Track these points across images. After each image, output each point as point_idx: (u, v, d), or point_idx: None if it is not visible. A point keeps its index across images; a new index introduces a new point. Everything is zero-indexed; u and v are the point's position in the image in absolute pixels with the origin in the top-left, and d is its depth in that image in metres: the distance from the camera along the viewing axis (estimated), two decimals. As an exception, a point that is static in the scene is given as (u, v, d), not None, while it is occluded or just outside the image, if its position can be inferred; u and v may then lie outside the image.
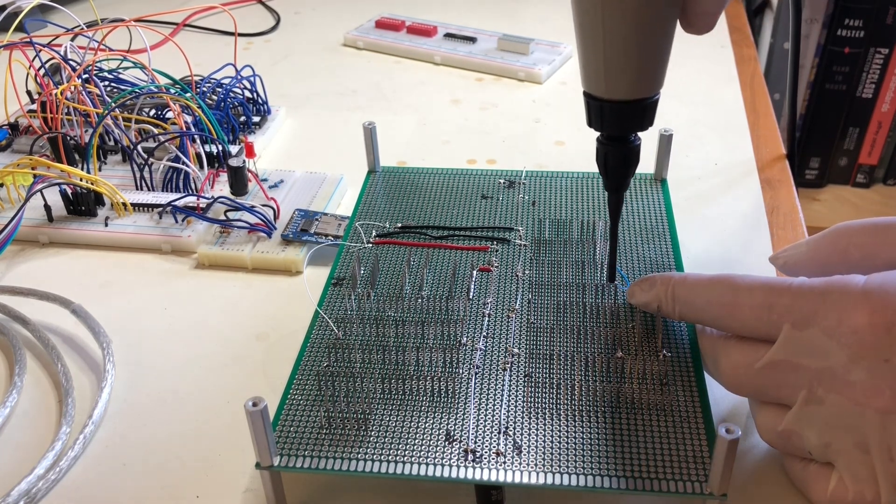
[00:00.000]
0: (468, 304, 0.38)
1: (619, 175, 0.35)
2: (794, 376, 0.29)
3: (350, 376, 0.34)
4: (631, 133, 0.34)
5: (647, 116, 0.33)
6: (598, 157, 0.35)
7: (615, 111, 0.33)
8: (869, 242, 0.31)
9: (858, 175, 0.99)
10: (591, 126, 0.34)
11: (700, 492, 0.29)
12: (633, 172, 0.35)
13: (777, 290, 0.29)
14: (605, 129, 0.34)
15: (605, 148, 0.34)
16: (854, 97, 0.93)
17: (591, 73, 0.33)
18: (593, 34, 0.31)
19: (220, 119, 0.53)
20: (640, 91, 0.32)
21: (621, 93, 0.32)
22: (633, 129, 0.34)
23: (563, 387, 0.33)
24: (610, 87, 0.32)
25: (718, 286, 0.31)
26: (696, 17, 0.32)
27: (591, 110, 0.33)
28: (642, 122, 0.33)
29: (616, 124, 0.33)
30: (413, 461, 0.30)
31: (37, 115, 0.54)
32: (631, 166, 0.35)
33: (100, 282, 0.44)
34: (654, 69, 0.32)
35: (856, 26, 0.88)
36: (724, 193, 0.50)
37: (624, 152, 0.34)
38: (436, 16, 0.75)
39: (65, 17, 0.66)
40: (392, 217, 0.44)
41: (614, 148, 0.34)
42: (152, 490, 0.33)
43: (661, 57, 0.32)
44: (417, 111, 0.61)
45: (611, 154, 0.34)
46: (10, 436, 0.35)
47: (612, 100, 0.32)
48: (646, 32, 0.31)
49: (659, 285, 0.34)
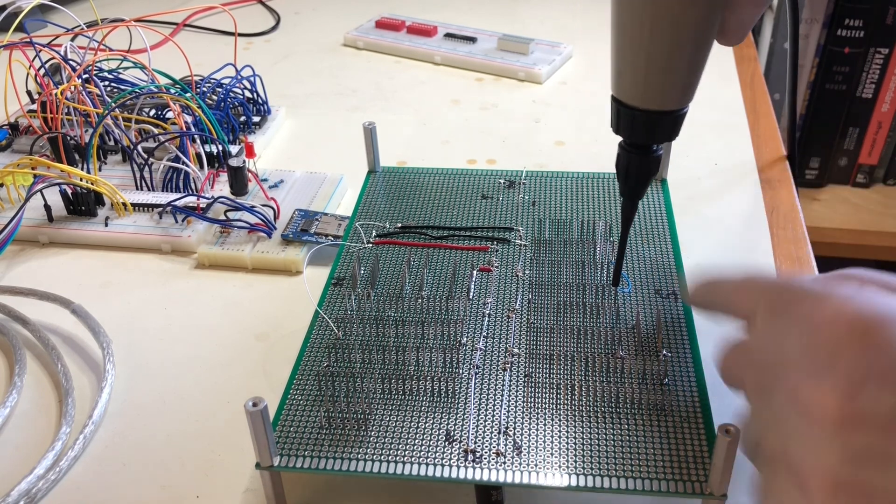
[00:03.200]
0: (468, 304, 0.38)
1: (638, 183, 0.35)
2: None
3: (350, 376, 0.34)
4: (658, 143, 0.33)
5: (675, 128, 0.33)
6: (619, 164, 0.34)
7: (648, 121, 0.32)
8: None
9: (858, 175, 0.99)
10: (617, 133, 0.34)
11: (700, 492, 0.29)
12: (651, 181, 0.35)
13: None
14: (633, 137, 0.33)
15: (629, 156, 0.34)
16: (854, 97, 0.93)
17: (626, 81, 0.32)
18: (634, 42, 0.31)
19: (220, 119, 0.53)
20: (675, 103, 0.32)
21: (657, 103, 0.32)
22: (661, 140, 0.33)
23: (563, 387, 0.33)
24: (647, 97, 0.32)
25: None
26: (732, 27, 0.31)
27: (622, 117, 0.33)
28: (671, 133, 0.33)
29: (646, 134, 0.33)
30: (413, 461, 0.30)
31: (37, 115, 0.54)
32: (651, 175, 0.34)
33: (100, 282, 0.44)
34: (692, 81, 0.32)
35: (856, 26, 0.88)
36: (724, 193, 0.50)
37: (646, 161, 0.34)
38: (436, 16, 0.75)
39: (65, 17, 0.66)
40: (392, 217, 0.44)
41: (637, 156, 0.34)
42: (152, 490, 0.33)
43: (700, 69, 0.32)
44: (417, 111, 0.61)
45: (633, 162, 0.34)
46: (10, 436, 0.35)
47: (646, 109, 0.32)
48: (692, 44, 0.30)
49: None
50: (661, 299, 0.38)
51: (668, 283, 0.39)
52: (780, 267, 0.44)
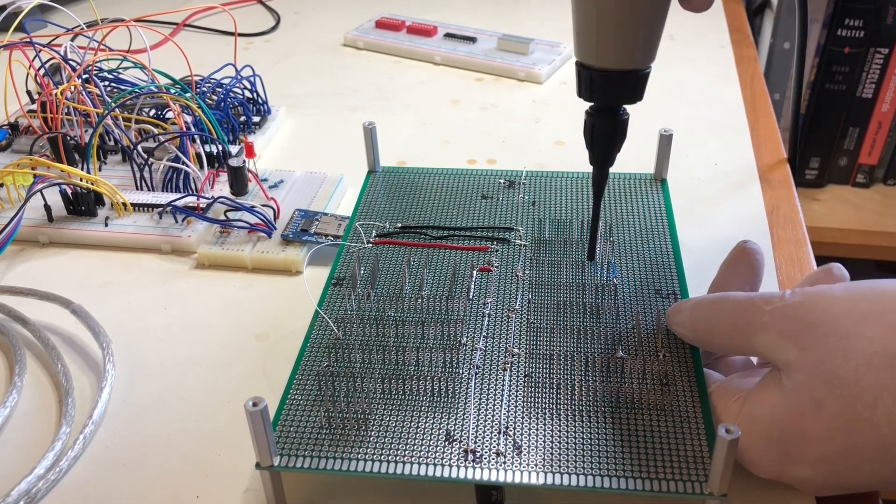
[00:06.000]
0: (468, 304, 0.38)
1: (605, 148, 0.35)
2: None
3: (350, 376, 0.34)
4: (620, 105, 0.34)
5: (637, 89, 0.33)
6: (586, 130, 0.35)
7: (606, 81, 0.33)
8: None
9: (858, 175, 0.99)
10: (580, 96, 0.34)
11: (700, 492, 0.29)
12: (620, 147, 0.35)
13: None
14: (594, 99, 0.34)
15: (593, 120, 0.35)
16: (854, 97, 0.93)
17: (583, 42, 0.33)
18: (587, 1, 0.32)
19: (220, 119, 0.53)
20: (630, 62, 0.32)
21: (612, 62, 0.32)
22: (622, 101, 0.34)
23: (563, 387, 0.33)
24: (601, 56, 0.32)
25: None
26: None
27: (582, 79, 0.34)
28: (633, 94, 0.33)
29: (605, 95, 0.34)
30: (413, 461, 0.30)
31: (37, 115, 0.54)
32: (618, 140, 0.35)
33: (100, 282, 0.44)
34: (645, 40, 0.32)
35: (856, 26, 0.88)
36: (724, 193, 0.50)
37: (612, 125, 0.34)
38: (436, 16, 0.75)
39: (65, 17, 0.66)
40: (392, 217, 0.44)
41: (602, 120, 0.34)
42: (152, 490, 0.33)
43: (652, 29, 0.32)
44: (417, 111, 0.61)
45: (598, 126, 0.35)
46: (10, 436, 0.35)
47: (602, 69, 0.33)
48: (639, 2, 0.31)
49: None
50: (661, 299, 0.38)
51: (668, 283, 0.39)
52: (780, 267, 0.44)
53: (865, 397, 0.26)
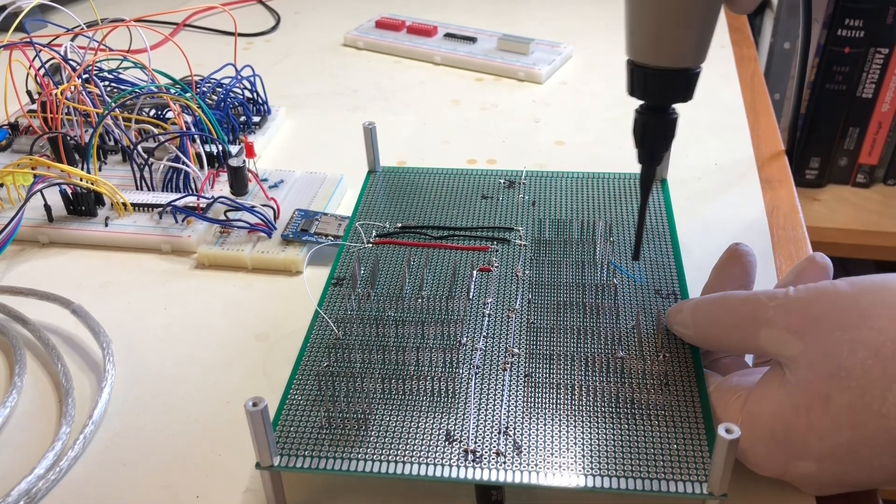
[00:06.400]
0: (468, 304, 0.38)
1: (654, 147, 0.35)
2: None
3: (350, 376, 0.34)
4: (672, 104, 0.34)
5: (689, 88, 0.33)
6: (636, 128, 0.35)
7: (660, 79, 0.33)
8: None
9: (858, 175, 0.99)
10: (632, 94, 0.34)
11: (700, 492, 0.29)
12: (668, 147, 0.35)
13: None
14: (647, 97, 0.34)
15: (644, 118, 0.34)
16: (854, 97, 0.93)
17: (638, 40, 0.33)
18: (645, 0, 0.32)
19: (220, 119, 0.53)
20: (685, 60, 0.33)
21: (668, 60, 0.32)
22: (674, 100, 0.34)
23: (563, 387, 0.33)
24: (658, 54, 0.32)
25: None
26: None
27: (635, 78, 0.34)
28: (685, 93, 0.33)
29: (658, 93, 0.34)
30: (413, 461, 0.30)
31: (37, 115, 0.54)
32: (667, 139, 0.35)
33: (100, 282, 0.44)
34: (700, 39, 0.32)
35: (856, 26, 0.88)
36: (724, 193, 0.50)
37: (662, 124, 0.34)
38: (436, 16, 0.75)
39: (65, 17, 0.66)
40: (392, 217, 0.44)
41: (653, 118, 0.34)
42: (152, 490, 0.33)
43: (707, 27, 0.32)
44: (417, 111, 0.61)
45: (649, 125, 0.34)
46: (10, 436, 0.35)
47: (658, 67, 0.33)
48: (696, 1, 0.31)
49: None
50: (661, 299, 0.38)
51: (668, 283, 0.39)
52: (780, 267, 0.44)
53: (874, 389, 0.26)
